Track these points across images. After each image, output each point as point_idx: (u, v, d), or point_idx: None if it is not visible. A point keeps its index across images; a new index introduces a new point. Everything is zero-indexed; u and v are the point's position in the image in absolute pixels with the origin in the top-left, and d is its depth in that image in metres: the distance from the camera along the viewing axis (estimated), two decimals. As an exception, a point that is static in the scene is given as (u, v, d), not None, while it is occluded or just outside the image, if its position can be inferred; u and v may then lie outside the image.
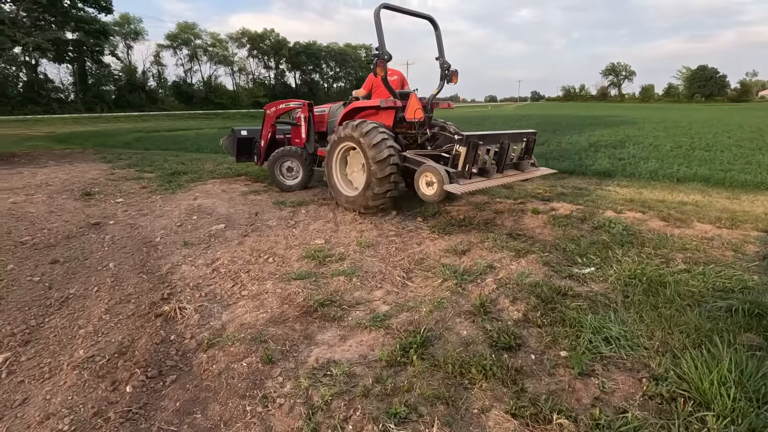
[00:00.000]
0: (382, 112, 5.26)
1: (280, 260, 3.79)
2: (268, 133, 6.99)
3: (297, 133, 6.76)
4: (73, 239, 4.45)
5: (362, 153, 4.83)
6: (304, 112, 6.48)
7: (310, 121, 6.48)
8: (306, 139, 6.54)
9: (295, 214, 5.28)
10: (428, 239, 4.31)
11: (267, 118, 6.95)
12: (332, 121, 6.38)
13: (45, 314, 2.91)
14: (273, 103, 7.06)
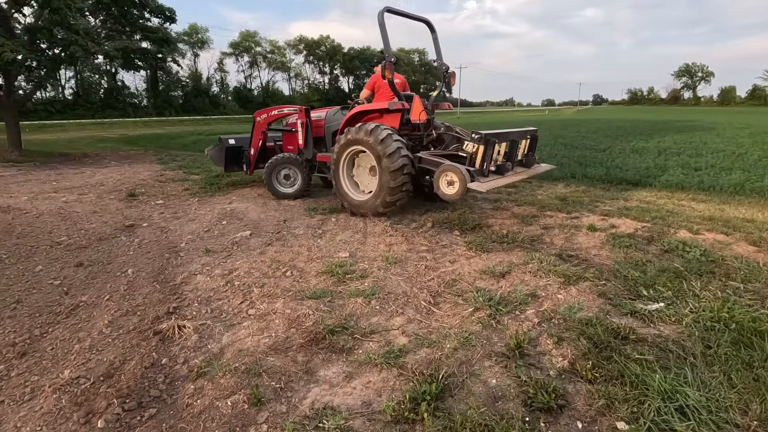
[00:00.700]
0: (387, 115, 5.17)
1: (298, 274, 3.51)
2: (259, 140, 6.72)
3: (291, 139, 6.52)
4: (105, 241, 4.47)
5: (375, 159, 4.79)
6: (302, 117, 6.24)
7: (307, 126, 6.27)
8: (304, 145, 6.29)
9: (324, 222, 5.01)
10: (464, 257, 3.84)
11: (257, 125, 6.68)
12: (330, 126, 6.25)
13: (52, 323, 2.81)
14: (264, 110, 6.78)
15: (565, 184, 7.36)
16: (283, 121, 6.63)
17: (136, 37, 15.57)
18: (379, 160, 4.71)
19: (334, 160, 5.24)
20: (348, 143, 5.05)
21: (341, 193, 5.28)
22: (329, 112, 6.39)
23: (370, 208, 4.96)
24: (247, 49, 60.38)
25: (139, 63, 16.63)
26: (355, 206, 5.13)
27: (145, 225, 5.04)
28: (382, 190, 4.77)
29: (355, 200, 5.15)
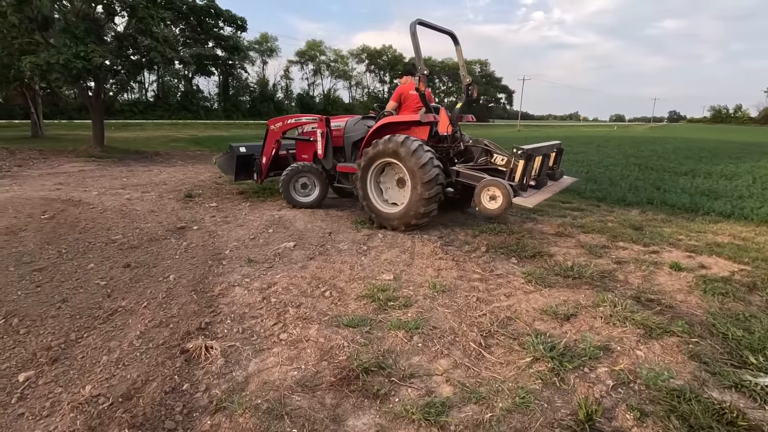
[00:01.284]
0: (416, 127, 5.09)
1: (337, 296, 3.27)
2: (272, 149, 6.57)
3: (306, 148, 6.40)
4: (155, 242, 4.52)
5: (406, 171, 4.75)
6: (322, 127, 6.09)
7: (328, 136, 6.10)
8: (324, 154, 6.10)
9: (370, 238, 4.76)
10: (521, 291, 3.41)
11: (271, 133, 6.54)
12: (350, 136, 6.15)
13: (89, 327, 2.78)
14: (279, 118, 6.64)
15: (641, 210, 6.59)
16: (298, 130, 6.54)
17: (209, 44, 16.52)
18: (411, 171, 4.68)
19: (361, 172, 5.14)
20: (377, 155, 4.97)
21: (370, 206, 5.15)
22: (349, 121, 6.28)
23: (402, 220, 4.86)
24: (312, 57, 62.66)
25: (211, 69, 17.66)
26: (385, 219, 5.01)
27: (195, 228, 5.09)
28: (415, 201, 4.70)
29: (385, 213, 5.04)
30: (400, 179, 5.07)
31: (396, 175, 5.13)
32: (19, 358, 2.43)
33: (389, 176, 5.23)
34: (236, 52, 16.96)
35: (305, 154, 6.45)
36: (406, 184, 4.93)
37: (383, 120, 5.32)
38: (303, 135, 6.42)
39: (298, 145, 6.57)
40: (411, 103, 5.52)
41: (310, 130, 6.31)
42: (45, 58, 11.26)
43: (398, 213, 4.90)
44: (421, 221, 4.86)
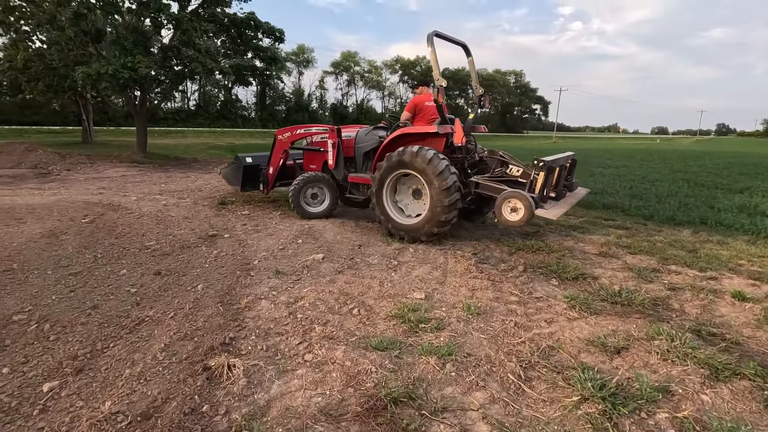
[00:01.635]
0: (431, 138, 5.01)
1: (365, 314, 3.12)
2: (280, 159, 6.51)
3: (314, 158, 6.40)
4: (186, 250, 4.54)
5: (424, 180, 4.74)
6: (333, 137, 6.01)
7: (339, 147, 6.02)
8: (335, 165, 6.02)
9: (401, 252, 4.60)
10: (564, 317, 3.15)
11: (279, 143, 6.50)
12: (360, 146, 6.11)
13: (115, 337, 2.75)
14: (288, 128, 6.59)
15: (693, 230, 6.11)
16: (307, 140, 6.50)
17: (248, 55, 17.01)
18: (429, 180, 4.67)
19: (377, 185, 5.12)
20: (392, 167, 4.96)
21: (387, 217, 5.12)
22: (360, 131, 6.22)
23: (423, 230, 4.81)
24: (346, 68, 63.74)
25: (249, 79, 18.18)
26: (404, 230, 4.97)
27: (226, 236, 5.09)
28: (435, 210, 4.67)
29: (404, 224, 5.01)
30: (416, 190, 5.10)
31: (411, 187, 5.14)
32: (45, 366, 2.41)
33: (405, 188, 5.23)
34: (274, 63, 17.39)
35: (313, 164, 6.43)
36: (422, 194, 4.98)
37: (397, 131, 5.26)
38: (312, 145, 6.41)
39: (306, 155, 6.56)
40: (426, 114, 5.49)
41: (319, 140, 6.29)
42: (96, 68, 11.88)
43: (418, 223, 4.85)
44: (442, 229, 4.81)
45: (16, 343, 2.67)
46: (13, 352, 2.56)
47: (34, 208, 6.10)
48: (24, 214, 5.82)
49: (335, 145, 5.99)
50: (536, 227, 6.02)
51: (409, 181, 5.13)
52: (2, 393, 2.18)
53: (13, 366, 2.41)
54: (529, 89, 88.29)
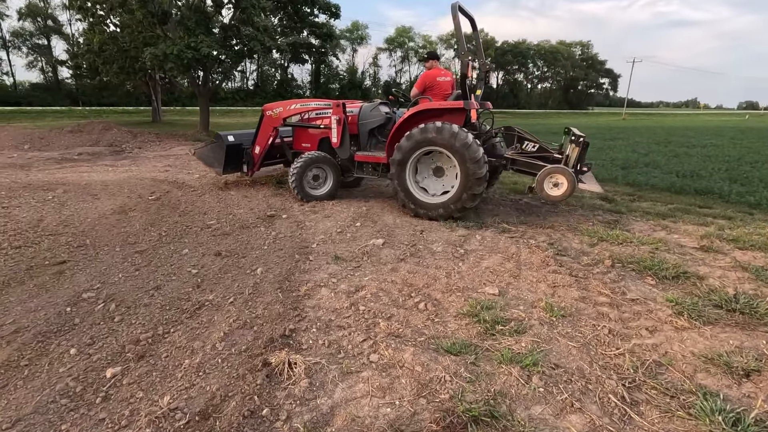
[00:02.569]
0: (449, 115, 4.85)
1: (433, 309, 2.83)
2: (269, 138, 5.92)
3: (308, 136, 6.02)
4: (245, 230, 4.48)
5: (452, 155, 4.64)
6: (338, 113, 5.59)
7: (345, 123, 5.61)
8: (340, 143, 5.62)
9: (466, 240, 4.23)
10: (669, 325, 2.66)
11: (268, 120, 5.91)
12: (365, 123, 5.72)
13: (176, 321, 2.68)
14: (279, 103, 5.99)
15: (815, 222, 5.15)
16: (302, 116, 6.00)
17: (304, 33, 16.91)
18: (459, 154, 4.57)
19: (398, 165, 4.89)
20: (416, 145, 4.76)
21: (412, 198, 4.93)
22: (364, 107, 5.86)
23: (454, 206, 4.73)
24: (400, 44, 62.43)
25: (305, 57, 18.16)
26: (430, 209, 4.85)
27: (284, 217, 4.99)
28: (467, 183, 4.61)
29: (430, 203, 4.88)
30: (438, 168, 4.99)
31: (433, 165, 5.01)
32: (109, 350, 2.37)
33: (425, 167, 5.07)
34: (329, 39, 17.18)
35: (307, 143, 6.03)
36: (444, 172, 4.95)
37: (415, 108, 4.99)
38: (307, 121, 5.99)
39: (297, 132, 6.13)
40: (439, 90, 5.28)
41: (315, 116, 5.88)
42: (162, 49, 12.30)
43: (449, 200, 4.76)
44: (473, 204, 4.77)
45: (84, 322, 2.67)
46: (81, 331, 2.56)
47: (107, 185, 6.38)
48: (98, 190, 6.10)
49: (341, 121, 5.59)
50: (617, 214, 5.37)
51: (428, 159, 5.00)
52: (69, 376, 2.15)
53: (80, 347, 2.39)
54: (596, 62, 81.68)
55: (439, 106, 4.92)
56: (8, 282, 3.25)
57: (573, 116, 51.81)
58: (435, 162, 5.00)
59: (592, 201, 6.08)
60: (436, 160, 4.98)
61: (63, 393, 2.03)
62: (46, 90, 42.42)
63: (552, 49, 73.40)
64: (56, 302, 2.90)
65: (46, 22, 42.92)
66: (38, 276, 3.36)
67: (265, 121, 5.94)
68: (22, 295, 3.04)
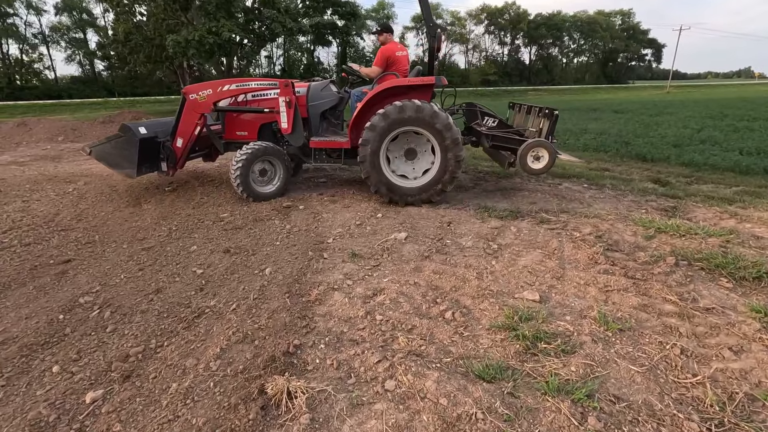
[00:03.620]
0: (414, 92, 4.53)
1: (462, 320, 2.42)
2: (195, 127, 4.86)
3: (245, 123, 5.12)
4: (259, 224, 4.18)
5: (432, 135, 4.42)
6: (287, 94, 4.81)
7: (296, 106, 4.88)
8: (292, 129, 4.89)
9: (500, 233, 3.76)
10: (758, 342, 2.14)
11: (192, 105, 4.79)
12: (315, 105, 5.11)
13: (171, 332, 2.40)
14: (205, 84, 4.92)
15: None
16: (238, 98, 5.08)
17: (327, 13, 16.38)
18: (440, 135, 4.37)
19: (372, 148, 4.43)
20: (392, 125, 4.37)
21: (387, 182, 4.55)
22: (312, 86, 5.15)
23: (433, 190, 4.52)
24: (428, 22, 60.38)
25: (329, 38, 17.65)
26: (406, 194, 4.56)
27: (301, 207, 4.66)
28: (447, 165, 4.44)
29: (407, 187, 4.58)
30: (410, 150, 4.66)
31: (405, 146, 4.66)
32: (94, 368, 2.11)
33: (398, 149, 4.70)
34: (353, 19, 16.57)
35: (243, 130, 5.15)
36: (417, 154, 4.66)
37: (384, 84, 4.55)
38: (244, 104, 5.10)
39: (230, 118, 5.16)
40: (399, 66, 4.91)
41: (256, 98, 5.03)
42: (184, 35, 12.15)
43: (428, 183, 4.52)
44: (451, 186, 4.59)
45: (75, 332, 2.44)
46: (69, 344, 2.33)
47: (127, 176, 6.24)
48: (118, 181, 5.97)
49: (291, 103, 4.82)
50: (674, 200, 4.73)
51: (399, 141, 4.63)
52: (46, 401, 1.90)
53: (65, 363, 2.15)
54: (638, 31, 76.37)
55: (409, 83, 4.52)
56: (9, 284, 3.09)
57: (612, 91, 48.86)
58: (408, 143, 4.63)
59: (643, 184, 5.42)
60: (409, 142, 4.62)
61: (34, 424, 1.78)
62: (84, 83, 43.96)
63: (589, 19, 69.18)
64: (51, 308, 2.69)
65: (81, 15, 44.20)
66: (40, 277, 3.18)
67: (188, 107, 4.83)
68: (19, 298, 2.86)
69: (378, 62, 4.93)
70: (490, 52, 69.10)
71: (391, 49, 4.94)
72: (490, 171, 6.25)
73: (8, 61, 41.20)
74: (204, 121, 4.95)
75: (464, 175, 6.22)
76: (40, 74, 42.89)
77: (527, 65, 70.60)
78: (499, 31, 66.37)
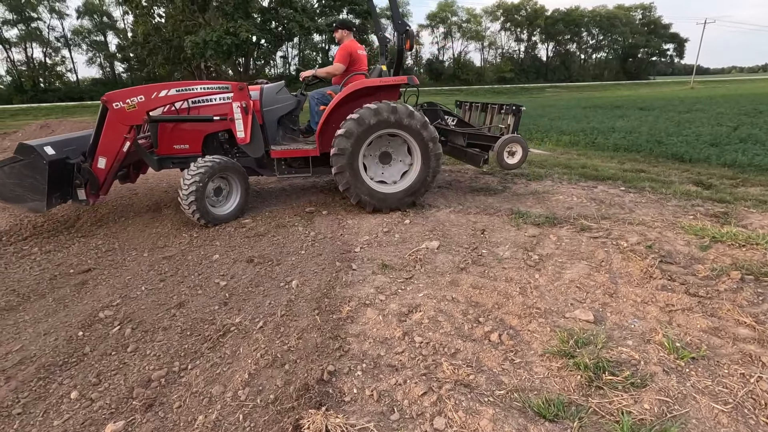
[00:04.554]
0: (383, 92, 4.40)
1: (511, 344, 2.20)
2: (123, 143, 3.96)
3: (185, 134, 4.37)
4: (282, 230, 4.01)
5: (411, 137, 4.26)
6: (242, 98, 4.18)
7: (254, 112, 4.29)
8: (251, 138, 4.26)
9: (539, 241, 3.51)
10: None
11: (118, 116, 3.90)
12: (272, 110, 4.60)
13: (195, 353, 2.24)
14: (134, 90, 4.07)
15: None
16: (176, 105, 4.29)
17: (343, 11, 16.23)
18: (419, 136, 4.23)
19: (350, 154, 4.12)
20: (371, 128, 4.10)
21: (369, 190, 4.29)
22: (265, 89, 4.60)
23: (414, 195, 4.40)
24: (443, 19, 59.93)
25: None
26: (392, 199, 4.37)
27: (324, 213, 4.49)
28: (429, 165, 4.31)
29: (385, 192, 4.36)
30: (384, 154, 4.46)
31: (379, 150, 4.44)
32: (115, 394, 1.95)
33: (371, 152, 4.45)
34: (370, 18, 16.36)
35: (183, 143, 4.39)
36: (392, 157, 4.47)
37: (358, 84, 4.27)
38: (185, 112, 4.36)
39: (164, 130, 4.30)
40: (360, 65, 4.75)
41: (200, 104, 4.33)
42: (202, 36, 12.14)
43: (410, 185, 4.36)
44: (429, 189, 4.54)
45: (95, 351, 2.29)
46: (89, 365, 2.18)
47: (147, 178, 6.17)
48: (138, 184, 5.88)
49: (249, 109, 4.20)
50: (722, 204, 4.40)
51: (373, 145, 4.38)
52: (63, 431, 1.75)
53: (84, 388, 2.00)
54: (659, 26, 74.38)
55: (381, 83, 4.32)
56: (29, 295, 2.98)
57: (633, 87, 47.59)
58: (381, 147, 4.42)
59: (685, 187, 5.09)
60: (382, 146, 4.42)
61: (50, 460, 1.62)
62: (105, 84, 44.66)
63: (609, 14, 67.64)
64: (70, 323, 2.56)
65: (101, 18, 45.04)
66: (60, 288, 3.07)
67: (111, 118, 3.91)
68: (38, 312, 2.74)
69: (341, 59, 4.61)
70: (506, 49, 68.17)
71: (353, 47, 4.68)
72: (519, 173, 5.98)
73: (32, 64, 42.22)
74: (134, 135, 4.10)
75: (491, 177, 5.98)
76: (62, 77, 43.84)
77: (544, 62, 69.43)
78: (516, 27, 65.34)
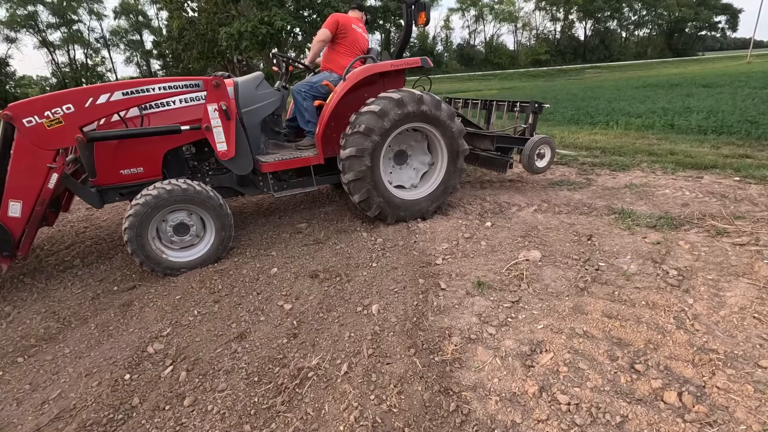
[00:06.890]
0: (390, 79, 3.66)
1: (701, 411, 1.57)
2: (47, 175, 2.74)
3: (137, 154, 3.09)
4: (343, 236, 3.50)
5: (437, 133, 3.61)
6: (220, 98, 3.05)
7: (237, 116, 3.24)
8: (236, 150, 3.21)
9: (669, 250, 2.82)
10: None
11: (32, 137, 2.63)
12: (251, 111, 3.46)
13: (268, 413, 1.75)
14: (55, 98, 2.67)
15: None
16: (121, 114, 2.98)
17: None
18: (446, 129, 3.60)
19: (370, 156, 3.33)
20: (396, 123, 3.36)
21: (389, 199, 3.53)
22: (240, 84, 3.44)
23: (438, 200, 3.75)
24: (474, 2, 57.79)
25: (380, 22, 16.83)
26: (416, 206, 3.67)
27: (386, 214, 3.94)
28: (456, 162, 3.72)
29: (411, 200, 3.66)
30: (400, 153, 3.76)
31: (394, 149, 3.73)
32: (173, 476, 1.48)
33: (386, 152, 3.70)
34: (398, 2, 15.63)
35: (135, 166, 3.12)
36: (408, 156, 3.80)
37: (367, 70, 3.46)
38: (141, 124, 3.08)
39: (104, 150, 3.00)
40: (351, 41, 3.79)
41: (145, 110, 3.08)
42: (237, 27, 11.79)
43: (437, 188, 3.72)
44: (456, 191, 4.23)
45: (145, 403, 1.85)
46: (137, 424, 1.73)
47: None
48: (179, 184, 5.53)
49: (230, 112, 3.11)
50: None
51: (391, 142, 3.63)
52: None
53: (133, 463, 1.55)
54: (709, -4, 68.88)
55: (392, 67, 3.54)
56: (69, 319, 2.61)
57: (682, 65, 44.27)
58: (398, 145, 3.73)
59: (815, 176, 4.21)
60: (400, 143, 3.73)
61: None
62: (142, 82, 45.97)
63: (653, -13, 63.21)
64: (115, 360, 2.13)
65: (137, 18, 46.09)
66: (103, 310, 2.67)
67: (23, 142, 2.66)
68: (80, 343, 2.34)
69: (327, 25, 3.69)
70: (541, 29, 65.11)
71: (348, 20, 3.79)
72: (599, 162, 5.22)
73: (75, 66, 43.79)
74: (62, 162, 2.82)
75: (565, 168, 5.25)
76: (102, 77, 45.26)
77: (582, 42, 65.93)
78: (551, 6, 62.15)
